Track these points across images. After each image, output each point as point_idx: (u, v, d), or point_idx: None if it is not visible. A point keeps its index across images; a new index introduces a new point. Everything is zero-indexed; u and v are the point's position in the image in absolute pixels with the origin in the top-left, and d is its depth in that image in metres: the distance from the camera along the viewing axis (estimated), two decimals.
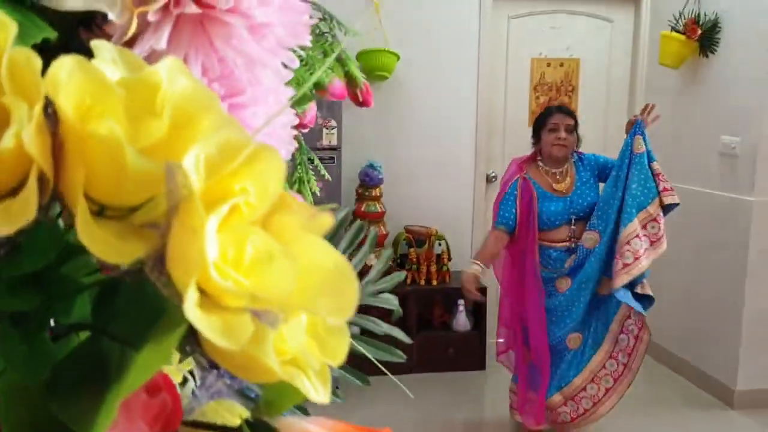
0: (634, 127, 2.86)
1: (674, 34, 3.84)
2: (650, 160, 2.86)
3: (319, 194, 0.83)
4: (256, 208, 0.27)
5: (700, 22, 3.77)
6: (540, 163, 2.98)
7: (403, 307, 0.60)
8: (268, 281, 0.26)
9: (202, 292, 0.26)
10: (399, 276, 0.50)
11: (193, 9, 0.32)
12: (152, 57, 0.33)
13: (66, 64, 0.27)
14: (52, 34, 0.35)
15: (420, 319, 4.05)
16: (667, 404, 3.68)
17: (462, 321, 4.08)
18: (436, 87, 4.22)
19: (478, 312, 4.08)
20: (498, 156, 4.34)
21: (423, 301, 4.09)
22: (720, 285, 3.71)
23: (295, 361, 0.31)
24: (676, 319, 4.06)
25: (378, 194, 3.97)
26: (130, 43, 0.33)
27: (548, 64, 4.43)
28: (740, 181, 3.58)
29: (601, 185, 3.04)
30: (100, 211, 0.28)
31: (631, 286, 2.74)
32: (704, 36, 3.76)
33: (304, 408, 0.56)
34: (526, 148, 3.25)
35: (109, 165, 0.27)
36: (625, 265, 2.70)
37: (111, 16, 0.32)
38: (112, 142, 0.26)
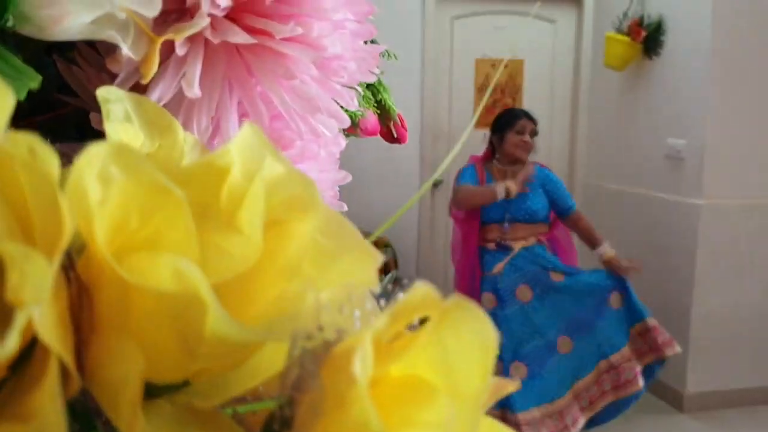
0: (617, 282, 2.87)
1: (619, 35, 3.82)
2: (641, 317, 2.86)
3: None
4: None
5: (644, 24, 3.76)
6: (495, 162, 3.01)
7: None
8: None
9: None
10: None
11: (242, 37, 0.19)
12: (170, 104, 0.21)
13: (98, 158, 0.14)
14: (35, 82, 0.22)
15: None
16: None
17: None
18: None
19: None
20: (443, 160, 4.24)
21: None
22: (668, 289, 3.71)
23: None
24: None
25: None
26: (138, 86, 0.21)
27: (492, 65, 4.36)
28: (687, 184, 3.58)
29: None
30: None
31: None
32: (648, 38, 3.75)
33: None
34: (471, 152, 3.19)
35: (168, 334, 0.15)
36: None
37: (123, 48, 0.20)
38: (188, 299, 0.14)
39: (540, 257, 2.93)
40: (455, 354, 0.16)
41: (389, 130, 0.53)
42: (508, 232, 2.93)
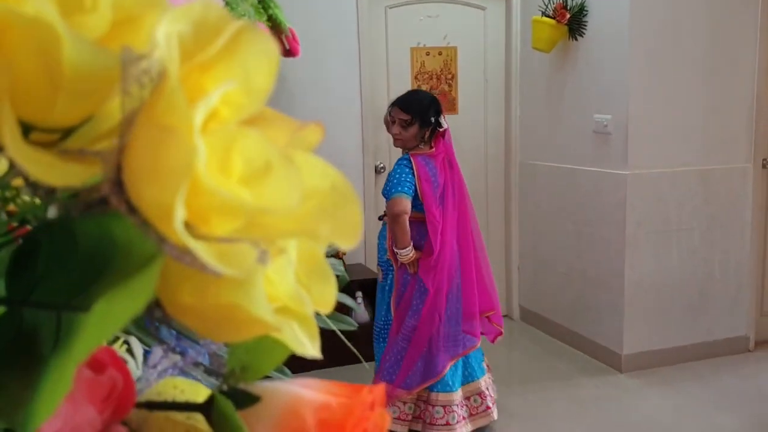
0: None
1: (545, 18, 3.98)
2: None
3: None
4: (242, 107, 0.21)
5: (568, 7, 3.94)
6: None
7: None
8: (269, 195, 0.20)
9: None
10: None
11: None
12: None
13: None
14: None
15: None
16: (561, 375, 3.83)
17: (361, 313, 4.05)
18: (318, 80, 4.16)
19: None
20: (384, 146, 4.34)
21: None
22: (601, 257, 3.89)
23: (285, 309, 0.25)
24: (564, 293, 4.24)
25: None
26: None
27: (427, 53, 4.48)
28: (614, 157, 3.77)
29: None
30: (23, 133, 0.22)
31: None
32: (572, 20, 3.93)
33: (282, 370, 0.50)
34: None
35: (37, 62, 0.20)
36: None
37: None
38: (42, 26, 0.19)
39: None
40: (250, 63, 0.21)
41: (281, 42, 0.62)
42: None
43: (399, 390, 2.88)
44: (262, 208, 0.20)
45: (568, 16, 3.92)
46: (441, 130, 2.92)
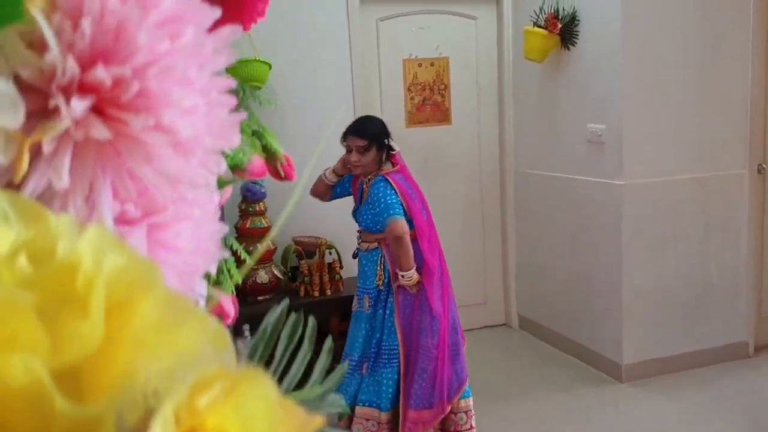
0: None
1: (536, 29, 3.98)
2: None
3: None
4: None
5: (560, 17, 3.93)
6: None
7: None
8: None
9: None
10: (342, 368, 0.44)
11: (101, 132, 0.24)
12: (47, 194, 0.25)
13: None
14: None
15: (317, 332, 3.97)
16: (561, 384, 3.83)
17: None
18: (311, 93, 4.15)
19: None
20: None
21: (319, 313, 3.98)
22: (599, 265, 3.89)
23: None
24: (561, 302, 4.23)
25: (262, 209, 3.84)
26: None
27: (419, 65, 4.48)
28: (609, 166, 3.76)
29: None
30: None
31: None
32: (564, 30, 3.92)
33: None
34: (404, 150, 3.27)
35: (27, 415, 0.19)
36: None
37: None
38: (37, 391, 0.18)
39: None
40: (248, 410, 0.20)
41: (276, 170, 0.62)
42: (359, 240, 3.09)
43: (444, 406, 2.91)
44: None
45: (559, 25, 3.91)
46: (393, 153, 2.99)
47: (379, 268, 2.98)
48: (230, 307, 0.52)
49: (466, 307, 4.28)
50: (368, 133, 2.90)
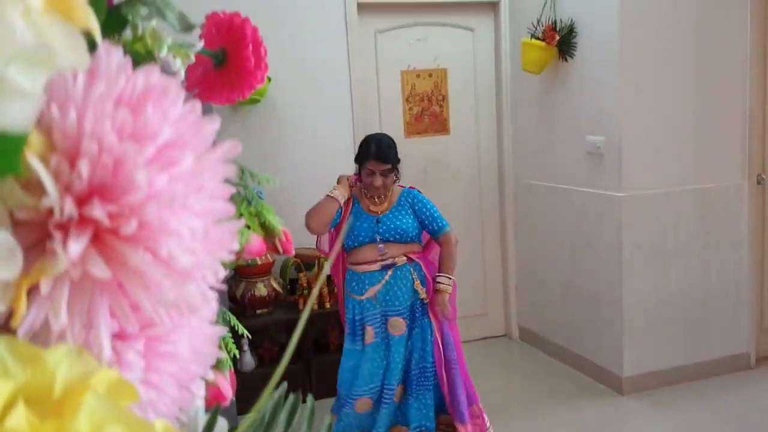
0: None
1: (534, 41, 3.98)
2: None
3: None
4: None
5: (557, 28, 3.93)
6: (362, 185, 3.04)
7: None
8: None
9: None
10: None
11: (101, 271, 0.24)
12: (42, 334, 0.25)
13: None
14: None
15: (316, 344, 3.98)
16: (561, 396, 3.81)
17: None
18: (310, 106, 4.15)
19: None
20: None
21: (318, 326, 4.01)
22: (599, 277, 3.89)
23: None
24: (562, 314, 4.23)
25: None
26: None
27: (418, 76, 4.48)
28: (608, 178, 3.76)
29: None
30: None
31: None
32: (562, 41, 3.92)
33: None
34: (403, 160, 3.25)
35: None
36: None
37: None
38: None
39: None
40: None
41: (275, 246, 0.62)
42: (385, 253, 2.99)
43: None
44: None
45: (557, 37, 3.91)
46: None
47: (415, 281, 2.99)
48: (227, 389, 0.51)
49: (466, 318, 4.28)
50: (391, 157, 2.98)
